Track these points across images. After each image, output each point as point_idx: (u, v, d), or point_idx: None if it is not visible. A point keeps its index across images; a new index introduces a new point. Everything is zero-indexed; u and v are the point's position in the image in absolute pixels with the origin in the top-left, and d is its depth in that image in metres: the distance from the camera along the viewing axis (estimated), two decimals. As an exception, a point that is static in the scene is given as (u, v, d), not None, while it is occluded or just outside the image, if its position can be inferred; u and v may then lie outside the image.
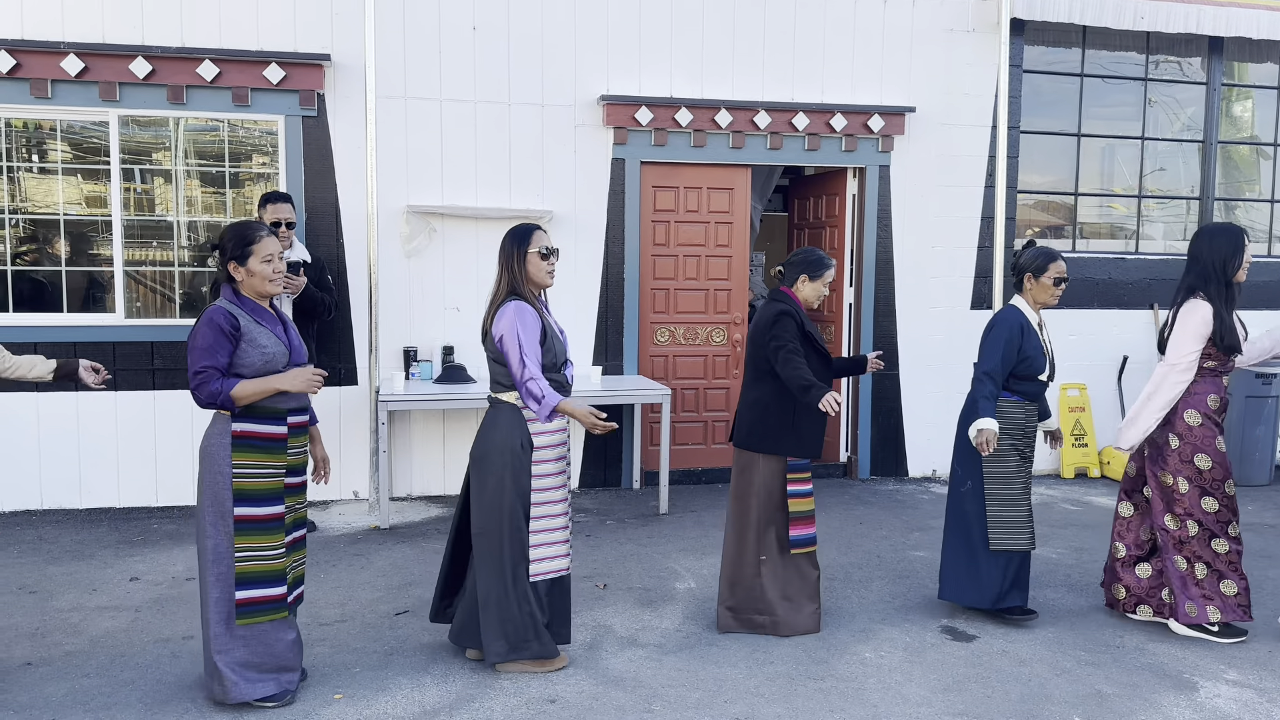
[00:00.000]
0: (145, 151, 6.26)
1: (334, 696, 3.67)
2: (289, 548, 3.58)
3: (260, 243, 3.51)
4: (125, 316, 6.23)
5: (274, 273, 3.53)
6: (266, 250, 3.51)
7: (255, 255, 3.50)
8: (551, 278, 3.86)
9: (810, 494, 4.29)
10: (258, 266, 3.50)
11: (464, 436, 6.74)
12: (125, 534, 5.74)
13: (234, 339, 3.42)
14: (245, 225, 3.54)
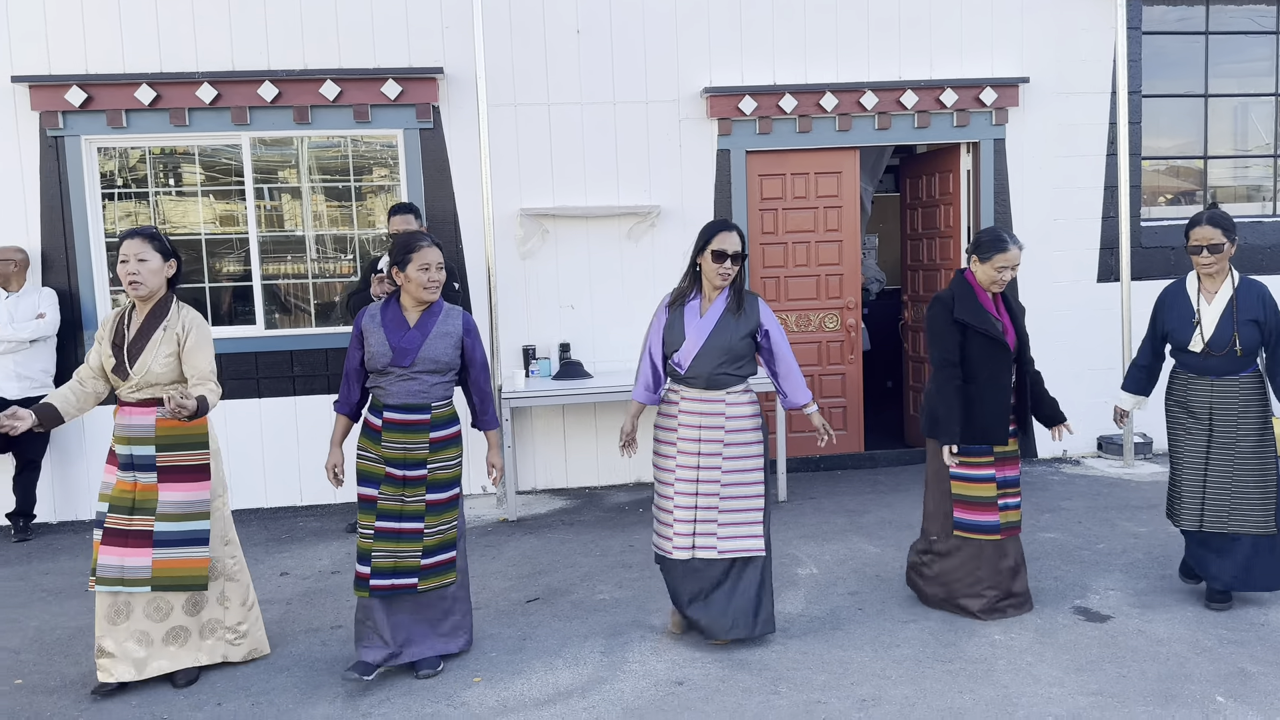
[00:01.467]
0: (273, 170, 6.64)
1: (473, 679, 3.85)
2: (380, 533, 3.79)
3: (419, 251, 3.80)
4: (265, 328, 6.63)
5: (429, 281, 3.80)
6: (424, 259, 3.79)
7: (414, 263, 3.79)
8: (722, 279, 4.02)
9: (980, 479, 4.17)
10: (414, 273, 3.79)
11: (583, 430, 6.91)
12: (274, 532, 6.11)
13: (359, 338, 3.89)
14: (411, 235, 3.87)
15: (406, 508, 3.82)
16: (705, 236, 4.02)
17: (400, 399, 3.81)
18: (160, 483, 3.79)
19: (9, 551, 5.88)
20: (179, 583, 3.78)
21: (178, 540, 3.79)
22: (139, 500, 3.77)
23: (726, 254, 3.96)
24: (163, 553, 3.77)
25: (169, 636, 3.85)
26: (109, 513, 3.76)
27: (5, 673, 4.09)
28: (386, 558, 3.79)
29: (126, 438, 3.77)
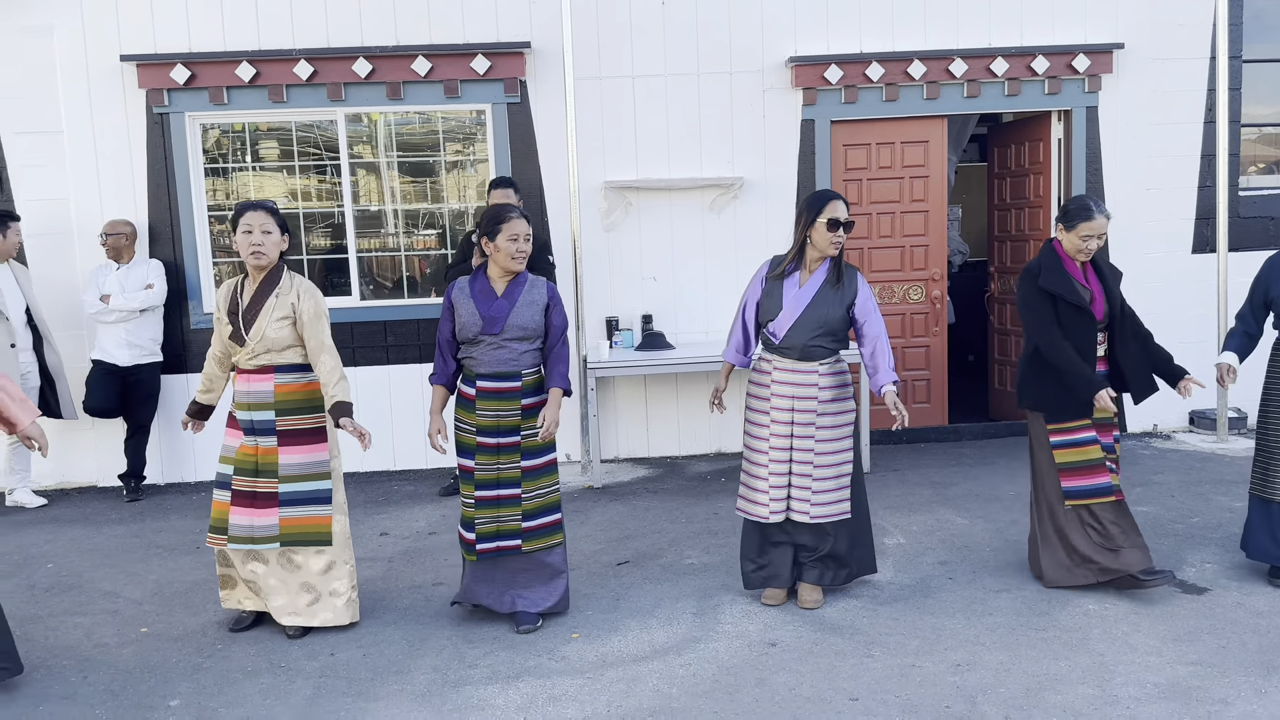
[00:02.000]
0: (351, 145, 6.81)
1: (571, 635, 3.98)
2: (480, 502, 3.94)
3: (509, 222, 3.89)
4: (360, 299, 6.83)
5: (517, 251, 3.89)
6: (513, 230, 3.88)
7: (503, 233, 3.88)
8: (834, 248, 4.05)
9: (1084, 443, 4.12)
10: (503, 243, 3.89)
11: (664, 400, 6.99)
12: (371, 495, 6.33)
13: (449, 308, 3.99)
14: (500, 206, 3.97)
15: (503, 474, 3.96)
16: (816, 205, 4.02)
17: (491, 367, 3.93)
18: (280, 446, 3.98)
19: (123, 510, 6.19)
20: (305, 537, 4.00)
21: (302, 499, 3.99)
22: (261, 463, 3.96)
23: (840, 222, 3.99)
24: (289, 511, 3.97)
25: (299, 589, 4.06)
26: (234, 475, 3.95)
27: (132, 621, 4.35)
28: (489, 523, 3.95)
29: (247, 404, 3.96)
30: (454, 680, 3.63)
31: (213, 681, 3.70)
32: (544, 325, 3.99)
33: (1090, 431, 4.13)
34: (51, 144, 6.56)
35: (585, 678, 3.61)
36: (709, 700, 3.40)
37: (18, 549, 5.46)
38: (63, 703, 3.58)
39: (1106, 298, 4.16)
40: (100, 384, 6.29)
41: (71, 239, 6.61)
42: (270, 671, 3.77)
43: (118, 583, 4.86)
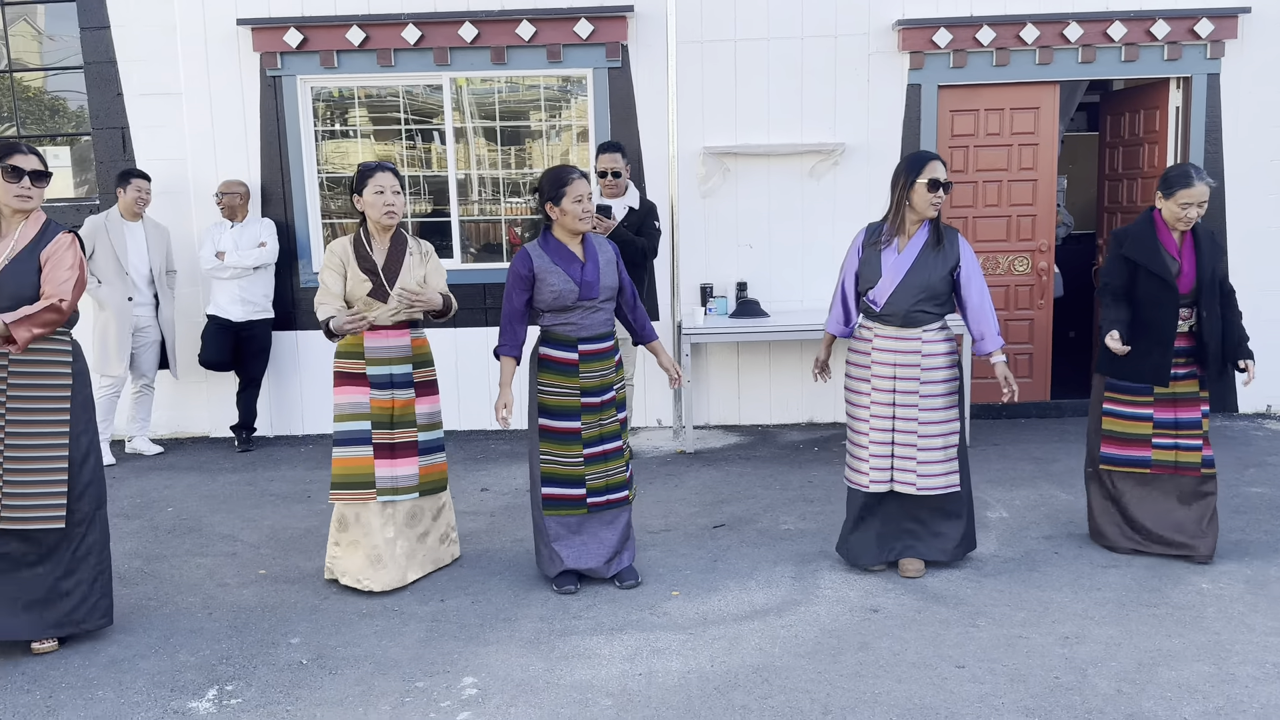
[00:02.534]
0: (434, 113, 6.90)
1: (671, 593, 4.04)
2: (590, 459, 3.99)
3: (573, 184, 3.88)
4: (461, 262, 6.96)
5: (584, 212, 3.89)
6: (578, 192, 3.88)
7: (568, 196, 3.88)
8: (934, 209, 3.98)
9: (1134, 418, 4.20)
10: (569, 206, 3.88)
11: (757, 368, 6.98)
12: (470, 452, 6.49)
13: (528, 280, 3.90)
14: (560, 169, 3.94)
15: (605, 430, 4.03)
16: (916, 166, 3.95)
17: (593, 330, 3.97)
18: (416, 397, 4.15)
19: (235, 460, 6.46)
20: (434, 485, 4.21)
21: (431, 448, 4.19)
22: (398, 415, 4.10)
23: (940, 182, 3.92)
24: (424, 460, 4.16)
25: (420, 538, 4.22)
26: (373, 429, 4.06)
27: (250, 564, 4.56)
28: (599, 478, 4.01)
29: (385, 359, 4.07)
30: (559, 630, 3.72)
31: (330, 622, 3.86)
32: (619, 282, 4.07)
33: (1147, 409, 4.17)
34: (171, 105, 6.81)
35: (687, 633, 3.66)
36: (812, 661, 3.42)
37: (140, 493, 5.74)
38: (191, 635, 3.78)
39: (1197, 272, 4.04)
40: (215, 338, 6.54)
41: (189, 197, 6.87)
42: (384, 615, 3.91)
43: (234, 527, 5.08)
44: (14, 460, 3.47)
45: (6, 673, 3.49)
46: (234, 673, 3.46)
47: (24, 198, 3.49)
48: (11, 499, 3.47)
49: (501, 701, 3.21)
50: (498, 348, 4.00)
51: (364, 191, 4.01)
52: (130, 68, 6.78)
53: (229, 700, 3.26)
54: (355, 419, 4.05)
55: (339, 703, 3.23)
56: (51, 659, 3.59)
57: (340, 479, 4.06)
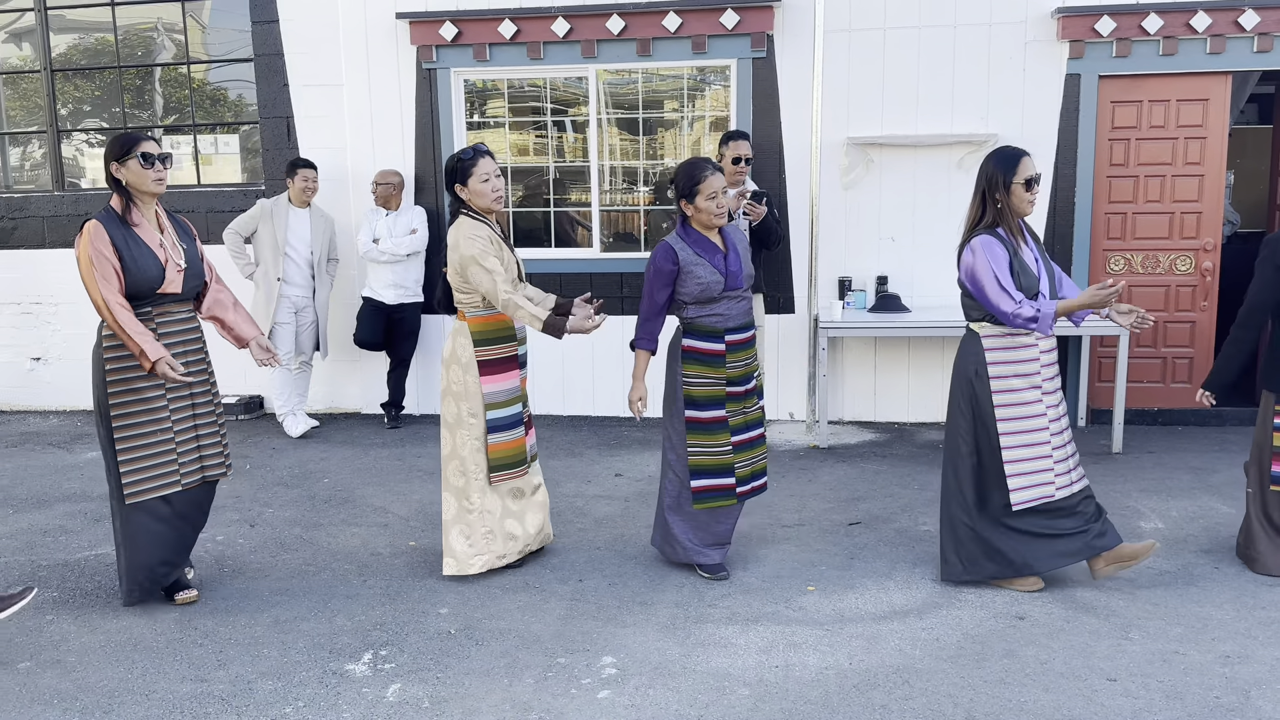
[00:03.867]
0: (571, 103, 7.00)
1: (807, 588, 4.03)
2: (738, 446, 4.02)
3: (706, 180, 3.88)
4: (600, 251, 7.08)
5: (718, 209, 3.89)
6: (711, 187, 3.88)
7: (701, 193, 3.89)
8: (1031, 206, 3.80)
9: None
10: (704, 204, 3.90)
11: (894, 365, 6.85)
12: (604, 438, 6.61)
13: (672, 273, 3.90)
14: (694, 164, 3.92)
15: (749, 417, 4.07)
16: (1010, 165, 3.73)
17: (739, 320, 3.99)
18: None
19: (385, 436, 6.76)
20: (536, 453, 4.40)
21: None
22: (524, 391, 4.26)
23: (1035, 179, 3.76)
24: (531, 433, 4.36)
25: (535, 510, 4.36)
26: (522, 409, 4.21)
27: (401, 535, 4.78)
28: (746, 466, 4.06)
29: (523, 337, 4.24)
30: (695, 617, 3.77)
31: (476, 595, 4.02)
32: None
33: None
34: (332, 97, 7.15)
35: (824, 629, 3.66)
36: (954, 665, 3.37)
37: (298, 464, 6.08)
38: (348, 601, 4.00)
39: None
40: (369, 320, 6.86)
41: (347, 185, 7.20)
42: (526, 591, 4.05)
43: (385, 500, 5.33)
44: (207, 419, 3.92)
45: (181, 628, 3.77)
46: (387, 639, 3.64)
47: (160, 180, 3.75)
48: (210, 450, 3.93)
49: (640, 683, 3.28)
50: (635, 340, 4.01)
51: (469, 180, 3.99)
52: (296, 60, 7.15)
53: (383, 665, 3.44)
54: (510, 404, 4.13)
55: (485, 673, 3.37)
56: (220, 617, 3.86)
57: (500, 462, 4.12)
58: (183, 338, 3.83)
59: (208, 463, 3.93)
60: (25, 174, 7.83)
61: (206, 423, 3.92)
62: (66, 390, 7.74)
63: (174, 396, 3.80)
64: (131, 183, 3.71)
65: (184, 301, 3.84)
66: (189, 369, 3.83)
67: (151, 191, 3.73)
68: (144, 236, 3.72)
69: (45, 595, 4.10)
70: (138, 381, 3.73)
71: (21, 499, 5.45)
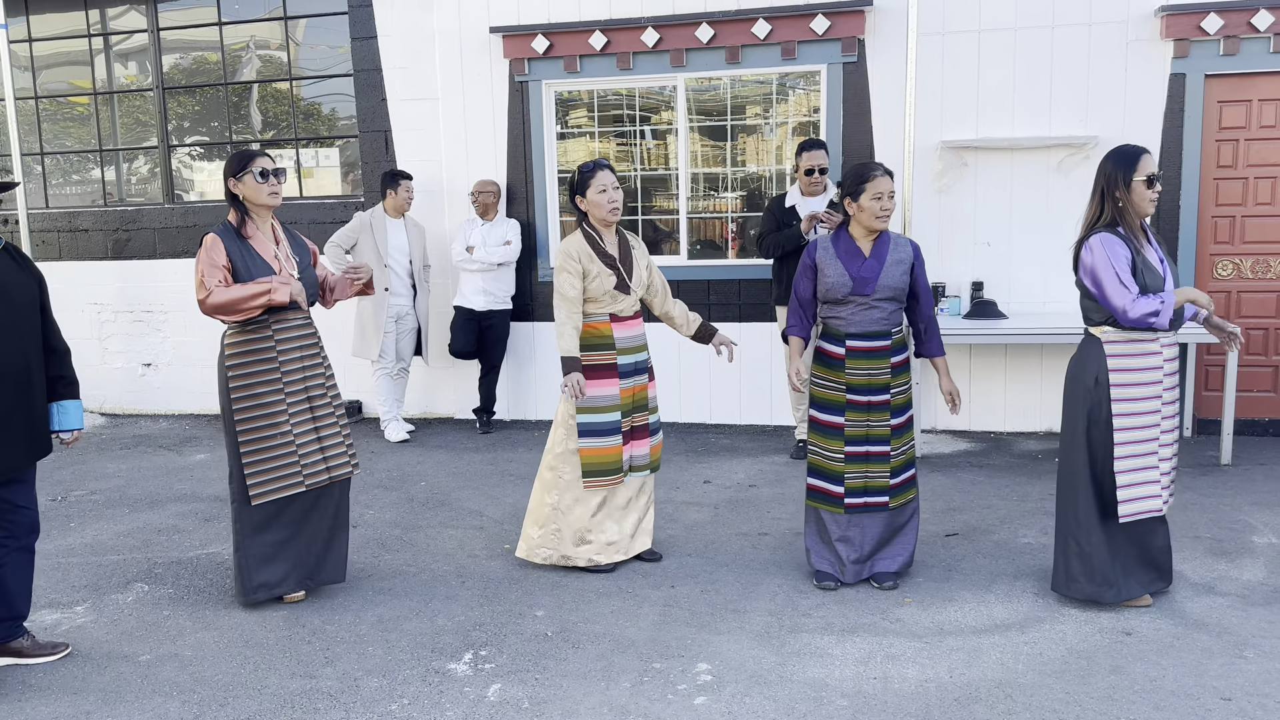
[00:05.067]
0: (655, 109, 7.02)
1: (904, 600, 3.98)
2: (851, 458, 3.99)
3: (874, 179, 3.89)
4: (687, 258, 7.11)
5: (881, 209, 3.88)
6: (879, 188, 3.88)
7: (867, 192, 3.89)
8: (1153, 205, 3.67)
9: None
10: (867, 203, 3.90)
11: (990, 373, 6.71)
12: (690, 445, 6.62)
13: (810, 269, 4.00)
14: (864, 165, 3.96)
15: (872, 432, 4.00)
16: (1129, 162, 3.60)
17: (862, 327, 3.96)
18: (648, 382, 4.35)
19: (477, 440, 6.90)
20: (656, 465, 4.40)
21: (656, 429, 4.40)
22: (637, 400, 4.29)
23: (1156, 177, 3.63)
24: (653, 439, 4.37)
25: (637, 520, 4.39)
26: (623, 416, 4.23)
27: (496, 538, 4.87)
28: (858, 478, 4.01)
29: (630, 348, 4.25)
30: (789, 626, 3.76)
31: (571, 598, 4.07)
32: (910, 285, 4.01)
33: None
34: (429, 110, 7.33)
35: (922, 642, 3.60)
36: (1059, 680, 3.29)
37: (396, 467, 6.24)
38: (447, 602, 4.09)
39: None
40: (461, 328, 7.00)
41: (442, 196, 7.38)
42: (619, 596, 4.08)
43: (480, 503, 5.44)
44: (327, 420, 4.05)
45: (290, 625, 3.91)
46: (486, 639, 3.72)
47: (275, 194, 3.93)
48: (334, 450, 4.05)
49: (736, 690, 3.28)
50: (786, 329, 4.14)
51: (587, 192, 4.16)
52: (393, 75, 7.35)
53: (483, 665, 3.52)
54: (606, 410, 4.19)
55: (582, 675, 3.41)
56: (326, 614, 3.99)
57: (592, 467, 4.20)
58: (299, 344, 3.99)
59: (332, 462, 4.06)
60: (133, 187, 8.21)
61: (327, 424, 4.05)
62: (175, 395, 8.09)
63: (292, 400, 3.95)
64: (248, 197, 3.89)
65: (299, 310, 3.99)
66: (306, 374, 3.98)
67: (266, 205, 3.90)
68: (259, 249, 3.89)
69: (161, 592, 4.29)
70: (258, 387, 3.90)
71: (136, 499, 5.72)
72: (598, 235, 4.21)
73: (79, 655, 3.67)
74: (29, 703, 3.32)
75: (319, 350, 4.07)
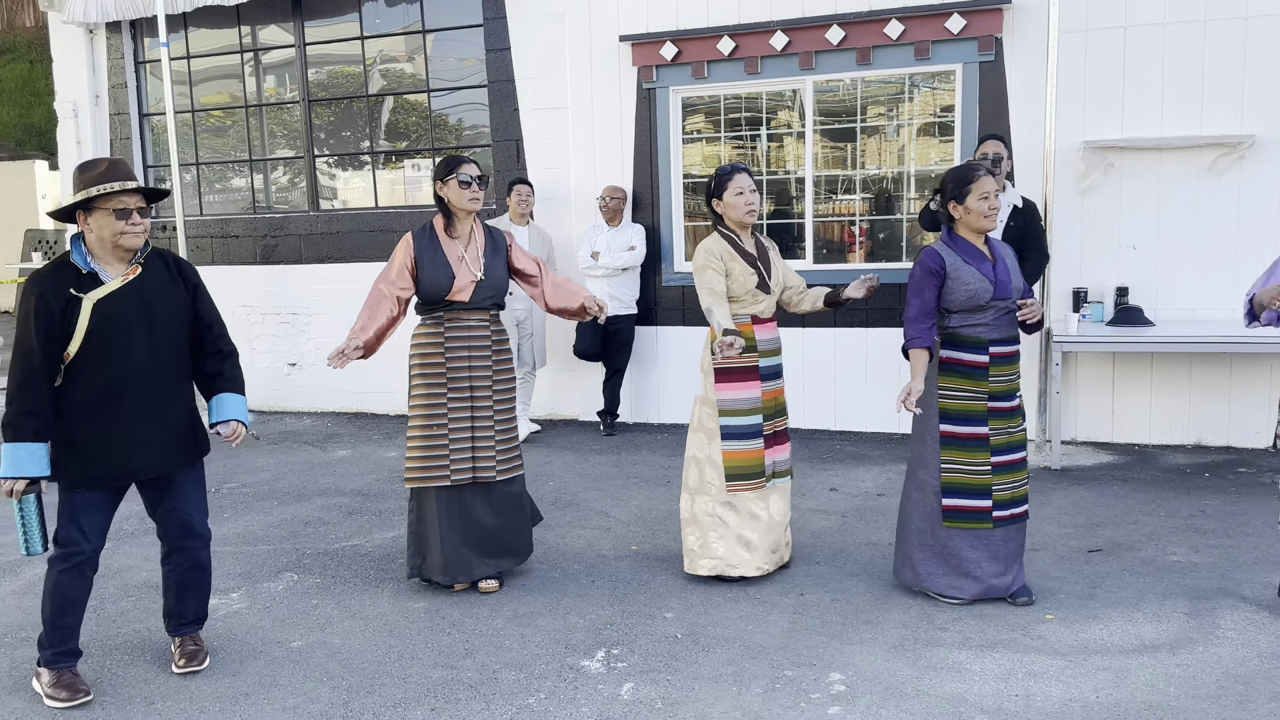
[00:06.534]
0: (788, 109, 6.95)
1: (1045, 616, 3.85)
2: (997, 468, 3.86)
3: (977, 182, 3.79)
4: (813, 262, 7.04)
5: (989, 209, 3.78)
6: (983, 189, 3.78)
7: (973, 194, 3.79)
8: None
9: None
10: (974, 204, 3.80)
11: (1135, 382, 6.42)
12: (814, 451, 6.55)
13: (939, 276, 3.81)
14: (965, 166, 3.86)
15: (1013, 438, 3.90)
16: None
17: (1003, 332, 3.86)
18: (783, 386, 4.35)
19: (601, 442, 6.99)
20: (791, 471, 4.38)
21: (789, 435, 4.40)
22: (777, 404, 4.28)
23: None
24: (789, 445, 4.36)
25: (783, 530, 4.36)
26: (764, 420, 4.21)
27: (623, 539, 4.93)
28: (1005, 489, 3.89)
29: (770, 350, 4.24)
30: (924, 639, 3.68)
31: (698, 601, 4.09)
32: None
33: None
34: (557, 119, 7.48)
35: (1066, 660, 3.48)
36: (1215, 705, 3.12)
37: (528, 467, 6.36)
38: (578, 599, 4.17)
39: None
40: (587, 332, 7.12)
41: (569, 203, 7.52)
42: (747, 601, 4.08)
43: (606, 504, 5.52)
44: (484, 423, 4.20)
45: (430, 617, 4.05)
46: (618, 638, 3.77)
47: (476, 200, 4.15)
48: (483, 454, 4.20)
49: (871, 702, 3.23)
50: (909, 342, 3.85)
51: (724, 194, 4.18)
52: (525, 85, 7.54)
53: (615, 663, 3.57)
54: (748, 414, 4.16)
55: (714, 679, 3.42)
56: (465, 608, 4.11)
57: (735, 471, 4.17)
58: (470, 344, 4.19)
59: (480, 464, 4.20)
60: (275, 195, 8.64)
61: (484, 426, 4.19)
62: (318, 394, 8.47)
63: (454, 398, 4.16)
64: (451, 201, 4.16)
65: (476, 310, 4.20)
66: (472, 373, 4.18)
67: (467, 209, 4.17)
68: (447, 250, 4.15)
69: (310, 581, 4.51)
70: (427, 379, 4.16)
71: (284, 492, 6.02)
72: (736, 236, 4.23)
73: (236, 640, 3.89)
74: (193, 682, 3.54)
75: (491, 353, 4.21)
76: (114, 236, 3.25)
